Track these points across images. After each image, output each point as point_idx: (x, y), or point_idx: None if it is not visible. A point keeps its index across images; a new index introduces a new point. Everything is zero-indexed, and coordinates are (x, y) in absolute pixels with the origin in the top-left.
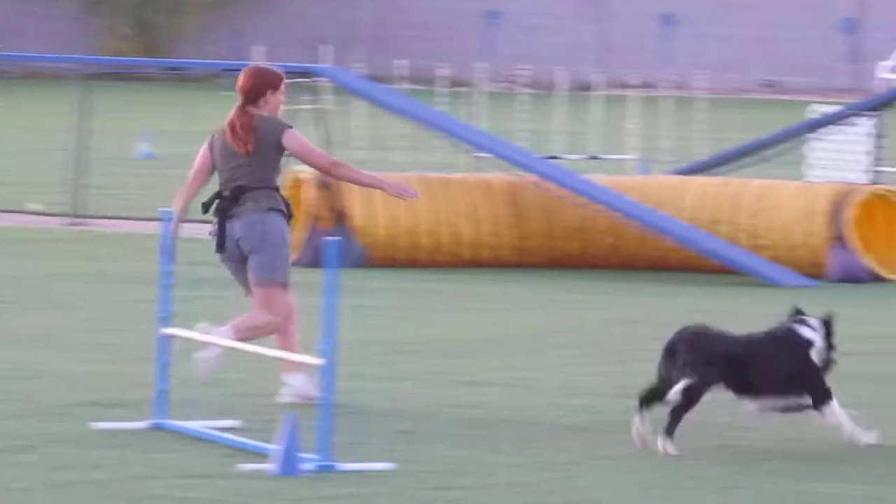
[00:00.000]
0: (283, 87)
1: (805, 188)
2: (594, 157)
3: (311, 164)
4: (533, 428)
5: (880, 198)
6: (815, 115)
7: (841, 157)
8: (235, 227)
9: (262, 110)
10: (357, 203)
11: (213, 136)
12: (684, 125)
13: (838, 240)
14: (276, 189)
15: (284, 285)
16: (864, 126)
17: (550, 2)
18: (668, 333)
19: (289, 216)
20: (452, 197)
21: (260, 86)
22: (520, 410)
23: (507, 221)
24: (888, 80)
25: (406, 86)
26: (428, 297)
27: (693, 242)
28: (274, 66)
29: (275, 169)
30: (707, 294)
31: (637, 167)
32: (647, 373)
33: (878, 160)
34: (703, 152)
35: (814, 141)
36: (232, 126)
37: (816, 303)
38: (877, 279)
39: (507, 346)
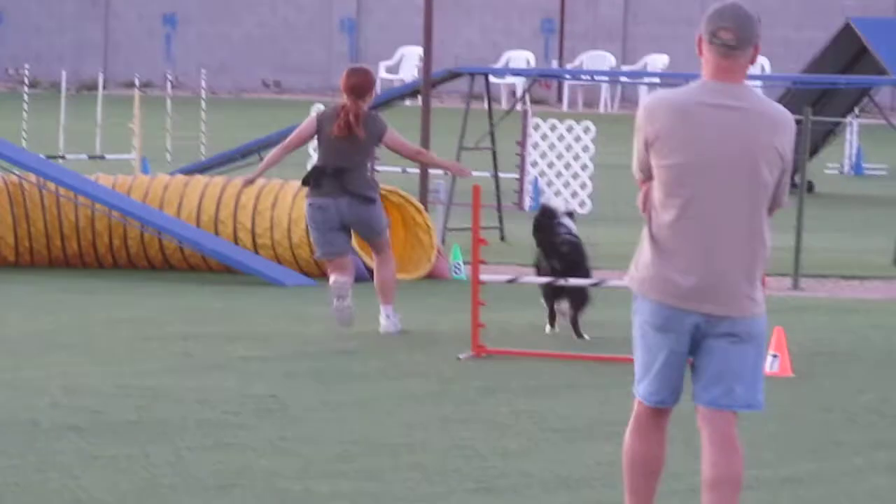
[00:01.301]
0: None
1: None
2: (97, 157)
3: (402, 154)
4: (35, 429)
5: (386, 200)
6: None
7: None
8: (342, 203)
9: (366, 104)
10: None
11: (319, 117)
12: (186, 125)
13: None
14: (367, 171)
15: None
16: None
17: (54, 2)
18: (172, 332)
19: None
20: None
21: (371, 84)
22: (22, 411)
23: (7, 221)
24: (388, 79)
25: None
26: None
27: (195, 242)
28: None
29: (369, 156)
30: (210, 293)
31: (139, 167)
32: (151, 372)
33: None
34: (204, 152)
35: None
36: (348, 115)
37: (317, 301)
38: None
39: (9, 347)
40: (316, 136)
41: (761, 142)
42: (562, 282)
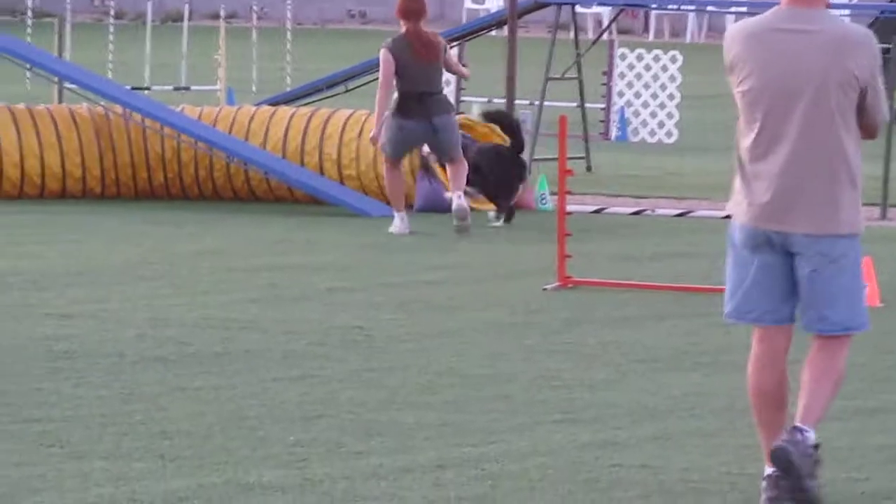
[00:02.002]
0: None
1: None
2: (183, 88)
3: (457, 70)
4: (120, 360)
5: (464, 128)
6: None
7: None
8: (428, 127)
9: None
10: None
11: (392, 49)
12: (272, 56)
13: (424, 170)
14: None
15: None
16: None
17: None
18: (257, 264)
19: None
20: (38, 128)
21: (424, 8)
22: (107, 342)
23: (94, 152)
24: (473, 9)
25: None
26: (15, 229)
27: (281, 173)
28: None
29: (442, 74)
30: (296, 224)
31: (225, 98)
32: (236, 303)
33: (461, 90)
34: (290, 83)
35: None
36: (421, 40)
37: (403, 232)
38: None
39: (95, 279)
40: (395, 65)
41: (834, 64)
42: (648, 212)
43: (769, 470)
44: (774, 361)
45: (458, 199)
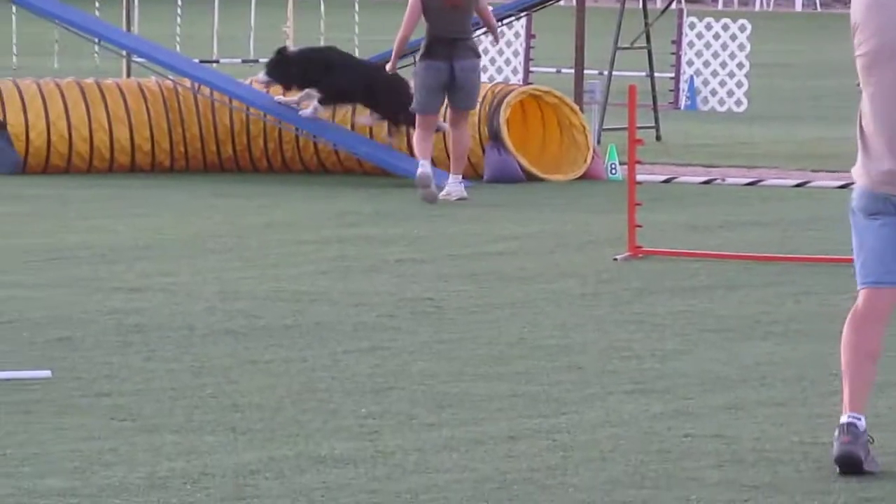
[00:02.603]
0: None
1: None
2: (251, 61)
3: (487, 20)
4: (191, 333)
5: (533, 98)
6: None
7: (491, 58)
8: (456, 67)
9: None
10: (10, 111)
11: None
12: (340, 27)
13: (493, 140)
14: (472, 36)
15: None
16: (514, 27)
17: None
18: (326, 236)
19: None
20: (107, 102)
21: None
22: (178, 316)
23: (163, 126)
24: None
25: None
26: (85, 203)
27: (350, 145)
28: None
29: (470, 19)
30: (365, 196)
31: None
32: (306, 275)
33: (529, 60)
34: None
35: None
36: None
37: (473, 203)
38: (531, 179)
39: (164, 252)
40: (423, 9)
41: None
42: (718, 181)
43: (845, 418)
44: (877, 322)
45: (457, 184)
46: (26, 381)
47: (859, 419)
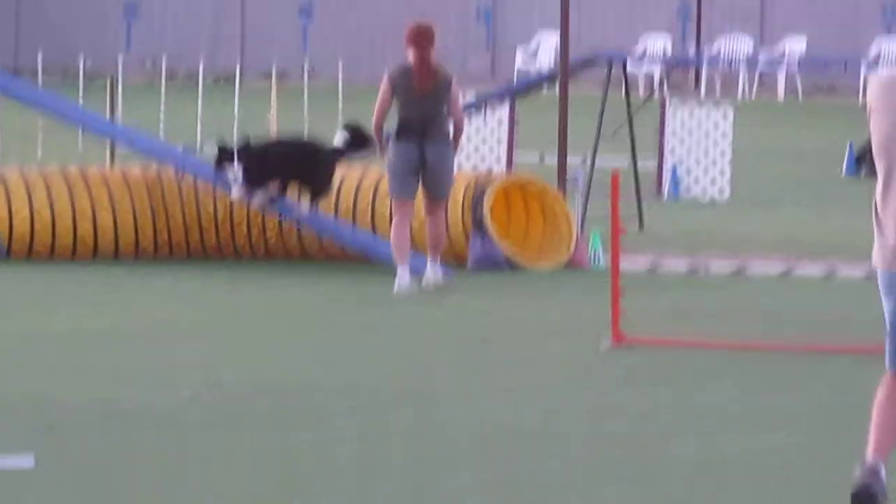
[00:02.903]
0: None
1: None
2: None
3: (455, 113)
4: (174, 420)
5: (517, 185)
6: None
7: (475, 145)
8: (427, 152)
9: (432, 55)
10: None
11: (391, 76)
12: (323, 114)
13: (477, 227)
14: (447, 122)
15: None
16: (498, 113)
17: None
18: (309, 323)
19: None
20: (91, 190)
21: (433, 33)
22: (160, 403)
23: (146, 213)
24: (524, 67)
25: (46, 78)
26: (70, 288)
27: (333, 232)
28: None
29: (445, 104)
30: (349, 283)
31: None
32: (291, 362)
33: (513, 147)
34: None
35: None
36: (421, 69)
37: (457, 290)
38: (515, 266)
39: (148, 339)
40: (393, 94)
41: None
42: (702, 269)
43: (867, 460)
44: None
45: (433, 272)
46: (8, 468)
47: (881, 464)
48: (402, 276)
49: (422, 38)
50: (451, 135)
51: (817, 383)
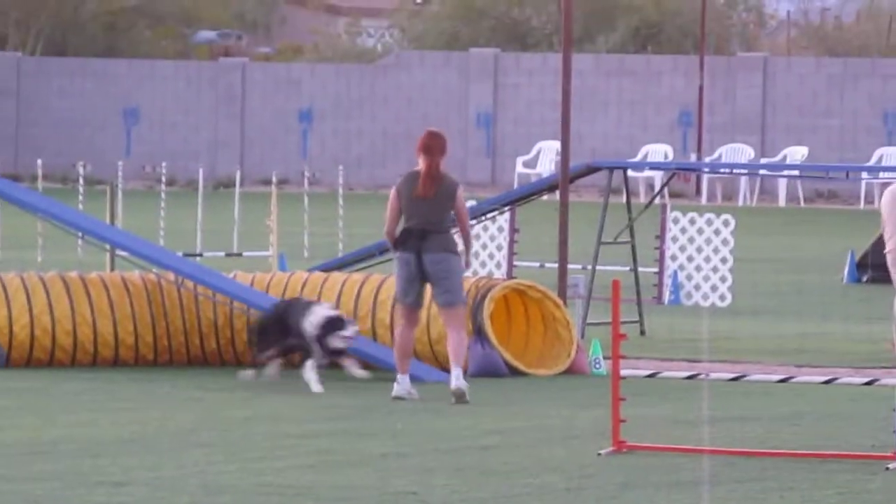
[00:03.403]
0: None
1: None
2: (234, 254)
3: (461, 219)
4: None
5: (517, 292)
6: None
7: (475, 252)
8: (425, 260)
9: (441, 164)
10: None
11: (398, 186)
12: (323, 221)
13: (477, 334)
14: (450, 230)
15: (465, 304)
16: (498, 220)
17: (190, 100)
18: (310, 429)
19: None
20: (90, 296)
21: (445, 143)
22: None
23: (146, 320)
24: (524, 174)
25: (45, 184)
26: (68, 396)
27: None
28: None
29: (449, 212)
30: (349, 389)
31: (277, 263)
32: (290, 469)
33: (513, 254)
34: (342, 248)
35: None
36: (427, 176)
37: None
38: (515, 373)
39: (148, 446)
40: (400, 201)
41: None
42: (702, 376)
43: None
44: None
45: (457, 378)
46: None
47: None
48: (402, 382)
49: (433, 145)
50: (457, 242)
51: (818, 490)
